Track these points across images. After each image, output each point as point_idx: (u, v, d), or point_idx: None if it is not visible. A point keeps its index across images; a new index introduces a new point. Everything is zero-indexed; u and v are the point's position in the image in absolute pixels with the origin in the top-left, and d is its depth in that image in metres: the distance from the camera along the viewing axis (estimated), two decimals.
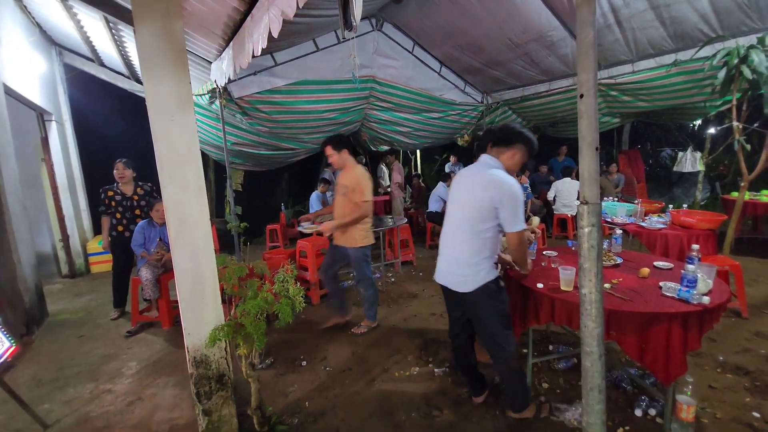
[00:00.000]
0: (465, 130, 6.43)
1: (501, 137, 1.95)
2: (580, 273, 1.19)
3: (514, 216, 1.80)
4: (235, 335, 1.78)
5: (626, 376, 2.39)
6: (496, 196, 1.80)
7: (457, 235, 1.94)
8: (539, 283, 2.10)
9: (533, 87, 5.14)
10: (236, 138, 4.99)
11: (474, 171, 2.00)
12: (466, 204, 1.91)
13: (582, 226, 1.13)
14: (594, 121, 1.07)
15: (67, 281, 5.41)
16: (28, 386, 2.69)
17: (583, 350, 1.24)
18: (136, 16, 1.59)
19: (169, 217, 1.73)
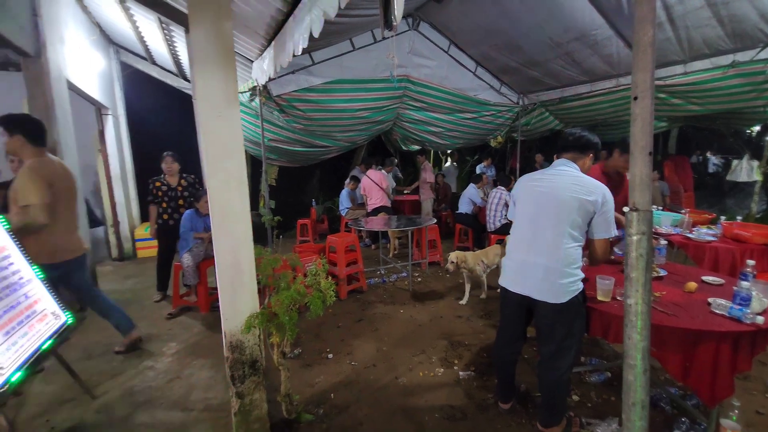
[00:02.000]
0: (499, 131, 6.29)
1: (576, 143, 1.92)
2: (626, 283, 1.15)
3: (607, 222, 1.76)
4: (268, 323, 1.86)
5: (666, 396, 2.26)
6: (599, 200, 1.73)
7: (540, 241, 1.82)
8: None
9: (573, 88, 4.95)
10: (273, 134, 5.16)
11: (554, 173, 1.90)
12: (559, 209, 1.79)
13: (630, 233, 1.09)
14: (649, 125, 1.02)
15: (116, 264, 5.82)
16: (80, 359, 2.93)
17: (626, 363, 1.19)
18: (191, 17, 1.69)
19: (213, 208, 1.83)
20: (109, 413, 2.30)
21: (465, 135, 6.17)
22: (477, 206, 5.64)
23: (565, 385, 1.91)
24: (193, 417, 2.25)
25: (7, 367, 1.66)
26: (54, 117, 3.58)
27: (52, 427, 2.16)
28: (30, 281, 2.21)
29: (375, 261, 5.33)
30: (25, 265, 2.23)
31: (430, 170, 6.65)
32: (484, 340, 3.09)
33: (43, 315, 2.17)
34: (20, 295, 2.05)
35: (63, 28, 4.07)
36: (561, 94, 5.15)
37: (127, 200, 6.23)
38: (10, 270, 2.07)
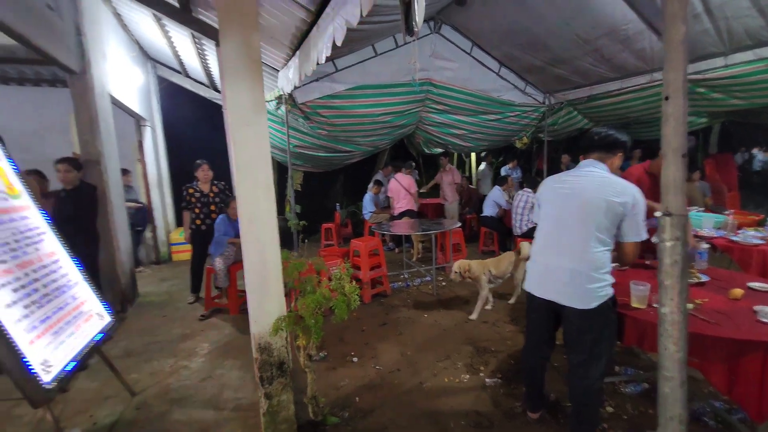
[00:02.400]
0: (524, 132, 6.15)
1: (603, 143, 1.84)
2: (660, 290, 1.10)
3: (637, 225, 1.68)
4: (295, 326, 1.91)
5: (709, 409, 2.13)
6: (629, 201, 1.65)
7: (566, 244, 1.77)
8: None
9: (603, 86, 4.76)
10: (298, 141, 5.28)
11: (580, 174, 1.83)
12: (585, 211, 1.72)
13: (663, 239, 1.04)
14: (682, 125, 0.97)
15: (153, 266, 6.13)
16: (120, 357, 3.10)
17: (661, 375, 1.13)
18: (221, 32, 1.78)
19: (241, 213, 1.90)
20: (148, 410, 2.42)
21: (489, 137, 6.07)
22: (502, 209, 5.53)
23: (596, 395, 1.83)
24: (224, 416, 2.33)
25: (55, 365, 1.79)
26: (98, 129, 3.84)
27: (95, 423, 2.30)
28: (77, 284, 2.37)
29: (398, 265, 5.34)
30: (73, 268, 2.40)
31: (455, 172, 6.57)
32: (511, 347, 3.02)
33: (89, 315, 2.33)
34: (68, 297, 2.21)
35: (105, 46, 4.37)
36: (590, 92, 4.97)
37: (163, 206, 6.56)
38: (60, 273, 2.24)
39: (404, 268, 5.06)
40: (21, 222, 2.10)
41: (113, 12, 4.83)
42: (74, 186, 3.45)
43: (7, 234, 1.94)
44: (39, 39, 2.74)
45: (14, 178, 2.21)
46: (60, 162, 3.37)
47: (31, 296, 1.89)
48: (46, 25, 2.95)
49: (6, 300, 1.70)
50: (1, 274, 1.75)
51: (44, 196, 3.60)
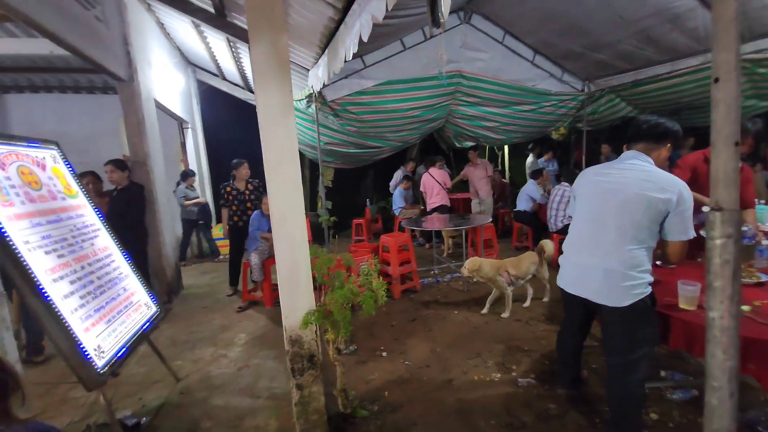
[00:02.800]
0: (561, 122, 5.86)
1: (650, 133, 1.72)
2: (708, 293, 1.00)
3: (684, 222, 1.57)
4: (324, 320, 1.95)
5: (765, 419, 1.94)
6: (673, 198, 1.54)
7: (604, 241, 1.68)
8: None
9: (650, 69, 4.42)
10: (328, 138, 5.36)
11: (622, 167, 1.73)
12: (624, 207, 1.63)
13: (713, 237, 0.94)
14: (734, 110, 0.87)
15: (196, 260, 6.50)
16: (166, 345, 3.33)
17: (708, 384, 1.04)
18: (251, 34, 1.83)
19: (272, 210, 1.96)
20: (190, 395, 2.58)
21: (523, 128, 5.84)
22: (537, 203, 5.32)
23: (637, 401, 1.74)
24: (259, 404, 2.44)
25: (107, 351, 1.95)
26: (144, 132, 4.10)
27: (144, 405, 2.48)
28: (127, 276, 2.56)
29: (429, 260, 5.29)
30: (123, 262, 2.60)
31: (487, 165, 6.36)
32: (545, 346, 2.91)
33: (138, 305, 2.51)
34: (120, 288, 2.39)
35: (150, 54, 4.65)
36: (634, 77, 4.63)
37: None
38: (112, 266, 2.42)
39: (434, 264, 5.01)
40: (77, 219, 2.29)
41: (157, 21, 5.13)
42: (123, 185, 3.72)
43: (65, 231, 2.12)
44: (89, 49, 2.97)
45: (71, 179, 2.42)
46: (106, 164, 3.67)
47: (87, 287, 2.06)
48: (95, 36, 3.19)
49: (64, 291, 1.88)
50: (60, 267, 1.93)
51: (99, 195, 3.93)
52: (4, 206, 1.75)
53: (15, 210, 1.82)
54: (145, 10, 4.65)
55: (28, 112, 6.01)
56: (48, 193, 2.15)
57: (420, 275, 4.56)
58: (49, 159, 2.31)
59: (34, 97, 5.97)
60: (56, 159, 2.39)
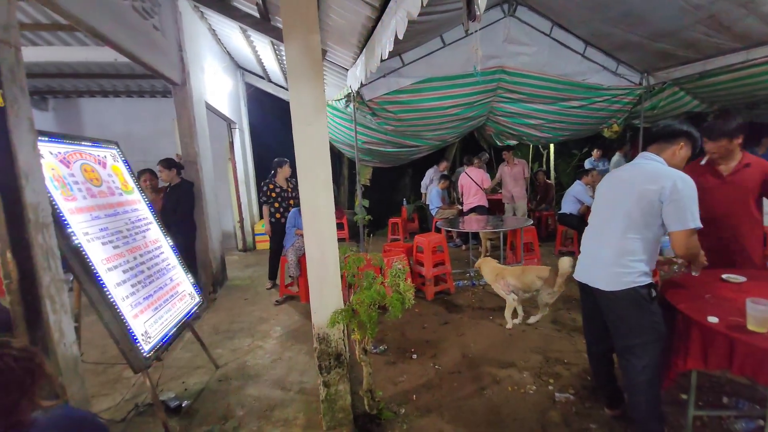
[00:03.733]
0: (615, 118, 5.42)
1: (662, 133, 1.83)
2: None
3: (679, 212, 1.60)
4: (350, 321, 1.95)
5: None
6: (662, 189, 1.61)
7: (606, 232, 1.80)
8: (712, 317, 1.62)
9: (720, 59, 3.95)
10: (366, 137, 5.39)
11: (632, 165, 1.88)
12: (621, 200, 1.76)
13: None
14: None
15: (240, 254, 6.86)
16: (209, 333, 3.53)
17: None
18: (285, 35, 1.87)
19: (304, 209, 2.00)
20: (227, 382, 2.72)
21: (571, 126, 5.49)
22: (585, 205, 4.98)
23: (645, 387, 1.75)
24: (289, 396, 2.50)
25: (153, 336, 2.09)
26: (195, 133, 4.38)
27: (186, 389, 2.65)
28: (174, 267, 2.75)
29: (465, 263, 5.15)
30: (172, 254, 2.79)
31: (524, 165, 6.04)
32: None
33: (182, 295, 2.68)
34: (167, 279, 2.57)
35: (202, 59, 4.95)
36: (702, 68, 4.16)
37: (249, 200, 7.28)
38: (161, 258, 2.61)
39: (470, 266, 4.87)
40: (132, 213, 2.49)
41: (209, 28, 5.45)
42: (175, 182, 4.00)
43: (121, 224, 2.32)
44: (147, 56, 3.21)
45: (128, 176, 2.64)
46: (158, 163, 3.97)
47: (137, 277, 2.24)
48: (153, 43, 3.44)
49: (117, 279, 2.05)
50: (115, 257, 2.10)
51: (156, 191, 4.27)
52: (67, 200, 1.94)
53: (77, 204, 2.01)
54: (199, 18, 4.95)
55: (98, 114, 6.67)
56: (107, 189, 2.35)
57: (455, 277, 4.46)
58: (110, 158, 2.54)
59: (104, 101, 6.61)
60: (116, 158, 2.61)
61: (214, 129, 6.23)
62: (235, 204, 7.06)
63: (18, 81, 1.63)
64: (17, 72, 1.63)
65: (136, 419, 2.32)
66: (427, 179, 6.69)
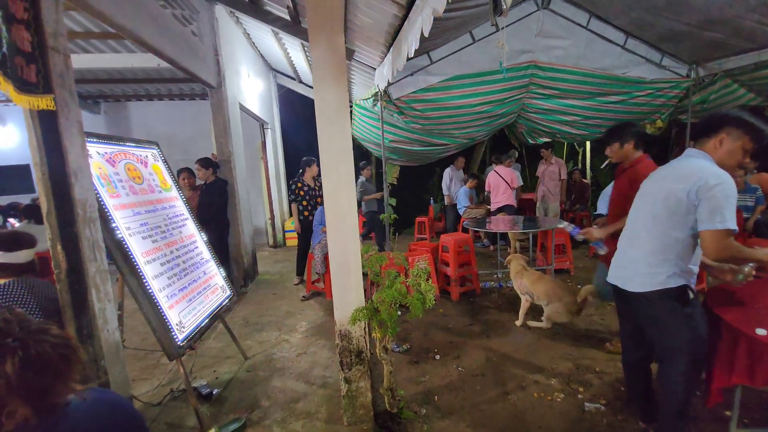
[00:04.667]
0: (658, 114, 5.08)
1: (702, 125, 1.69)
2: None
3: (711, 211, 1.47)
4: (371, 319, 1.97)
5: None
6: (693, 187, 1.50)
7: (637, 232, 1.76)
8: (761, 329, 1.49)
9: None
10: (393, 136, 5.39)
11: (671, 163, 1.77)
12: (653, 198, 1.70)
13: None
14: None
15: (271, 250, 7.09)
16: (239, 325, 3.68)
17: None
18: (311, 37, 1.91)
19: (327, 207, 2.03)
20: (255, 373, 2.82)
21: (608, 123, 5.18)
22: None
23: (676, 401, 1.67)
24: (312, 390, 2.56)
25: (187, 326, 2.21)
26: (229, 134, 4.57)
27: (217, 377, 2.78)
28: (208, 261, 2.89)
29: (492, 264, 5.04)
30: (205, 248, 2.93)
31: (561, 165, 5.81)
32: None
33: (215, 288, 2.81)
34: (200, 272, 2.70)
35: (237, 63, 5.15)
36: (758, 59, 3.81)
37: (280, 198, 7.51)
38: (195, 252, 2.75)
39: (498, 268, 4.75)
40: (170, 210, 2.65)
41: (244, 32, 5.66)
42: (210, 181, 4.20)
43: (160, 219, 2.46)
44: (185, 60, 3.39)
45: (167, 175, 2.80)
46: (195, 162, 4.17)
47: (174, 270, 2.37)
48: (191, 49, 3.63)
49: (155, 271, 2.18)
50: (153, 251, 2.24)
51: (193, 189, 4.50)
52: (112, 197, 2.09)
53: (121, 200, 2.16)
54: (234, 23, 5.16)
55: (144, 117, 7.12)
56: (148, 187, 2.51)
57: (482, 278, 4.37)
58: (150, 157, 2.70)
59: (149, 105, 7.05)
60: (156, 157, 2.78)
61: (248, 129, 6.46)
62: (267, 201, 7.30)
63: (67, 86, 1.77)
64: (67, 78, 1.77)
65: (171, 403, 2.47)
66: (446, 178, 6.58)
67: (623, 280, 1.77)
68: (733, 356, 1.55)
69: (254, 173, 7.20)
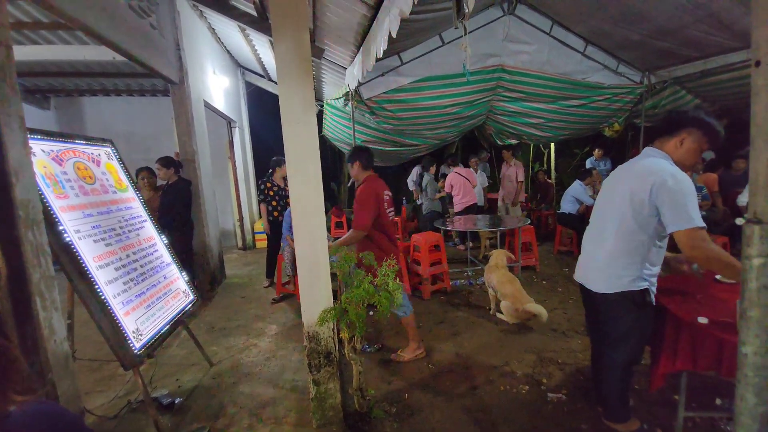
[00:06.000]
0: (615, 118, 5.38)
1: (662, 125, 1.71)
2: (741, 324, 0.85)
3: (675, 210, 1.49)
4: (340, 319, 1.95)
5: None
6: (653, 186, 1.53)
7: (602, 233, 1.78)
8: (702, 317, 1.61)
9: (721, 58, 3.91)
10: (365, 136, 5.39)
11: (630, 162, 1.81)
12: (615, 199, 1.72)
13: (749, 255, 0.79)
14: None
15: (240, 252, 6.88)
16: (205, 331, 3.54)
17: None
18: (275, 31, 1.87)
19: (294, 206, 2.00)
20: (221, 380, 2.72)
21: (571, 125, 5.45)
22: (584, 205, 4.95)
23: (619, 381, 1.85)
24: (281, 395, 2.51)
25: (145, 333, 2.10)
26: (193, 132, 4.39)
27: (180, 386, 2.66)
28: (169, 265, 2.76)
29: (463, 262, 5.14)
30: (166, 251, 2.80)
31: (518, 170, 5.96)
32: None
33: (176, 293, 2.69)
34: (161, 276, 2.57)
35: (201, 58, 4.96)
36: (703, 67, 4.13)
37: (248, 198, 7.30)
38: (155, 255, 2.62)
39: (468, 266, 4.85)
40: (126, 211, 2.50)
41: (209, 27, 5.46)
42: (172, 181, 4.02)
43: (114, 221, 2.33)
44: (143, 55, 3.22)
45: (122, 174, 2.65)
46: (156, 161, 3.99)
47: (130, 274, 2.24)
48: (150, 42, 3.45)
49: (109, 276, 2.05)
50: (107, 254, 2.11)
51: (154, 189, 4.28)
52: (59, 198, 1.95)
53: (69, 201, 2.02)
54: (198, 17, 4.97)
55: (100, 113, 6.70)
56: (101, 187, 2.36)
57: (452, 276, 4.45)
58: (104, 156, 2.55)
59: (106, 100, 6.64)
60: (110, 156, 2.62)
61: (214, 127, 6.24)
62: (235, 202, 7.07)
63: (9, 79, 1.63)
64: (8, 70, 1.63)
65: (129, 416, 2.33)
66: (414, 175, 6.65)
67: (588, 280, 1.83)
68: (677, 344, 1.66)
69: (222, 173, 6.95)
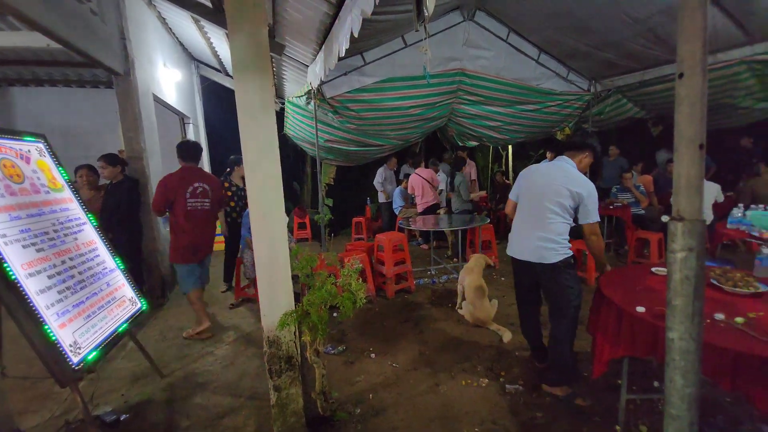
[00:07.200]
0: (566, 122, 5.73)
1: (575, 142, 2.33)
2: (668, 312, 0.94)
3: (588, 211, 2.18)
4: (301, 322, 1.90)
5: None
6: (584, 193, 2.15)
7: (543, 217, 2.23)
8: (640, 307, 1.74)
9: (657, 69, 4.29)
10: (328, 135, 5.32)
11: (552, 164, 2.32)
12: (547, 192, 2.22)
13: (674, 249, 0.87)
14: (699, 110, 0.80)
15: None
16: (156, 340, 3.31)
17: (667, 413, 0.98)
18: (230, 26, 1.78)
19: (252, 206, 1.92)
20: (173, 392, 2.56)
21: (527, 128, 5.73)
22: None
23: (568, 342, 2.24)
24: (240, 403, 2.40)
25: (84, 347, 1.92)
26: (141, 127, 4.10)
27: (126, 401, 2.46)
28: (113, 271, 2.54)
29: (426, 261, 5.22)
30: (109, 257, 2.58)
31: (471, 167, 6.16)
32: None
33: (121, 301, 2.49)
34: (103, 283, 2.37)
35: (150, 49, 4.64)
36: (642, 78, 4.51)
37: None
38: (96, 261, 2.41)
39: (431, 265, 4.94)
40: (61, 213, 2.28)
41: (158, 16, 5.13)
42: (117, 180, 3.72)
43: (47, 224, 2.11)
44: (82, 42, 2.96)
45: (57, 173, 2.41)
46: (98, 159, 3.68)
47: (66, 282, 2.04)
48: (90, 30, 3.17)
49: (41, 285, 1.86)
50: (38, 261, 1.91)
51: (95, 189, 3.94)
52: None
53: None
54: (146, 5, 4.65)
55: (32, 105, 6.08)
56: (30, 187, 2.13)
57: (416, 276, 4.50)
58: (35, 152, 2.30)
59: (39, 91, 6.03)
60: (42, 152, 2.37)
61: (166, 124, 5.87)
62: None
63: None
64: None
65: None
66: (380, 177, 6.68)
67: (537, 256, 2.25)
68: (619, 331, 1.79)
69: None
